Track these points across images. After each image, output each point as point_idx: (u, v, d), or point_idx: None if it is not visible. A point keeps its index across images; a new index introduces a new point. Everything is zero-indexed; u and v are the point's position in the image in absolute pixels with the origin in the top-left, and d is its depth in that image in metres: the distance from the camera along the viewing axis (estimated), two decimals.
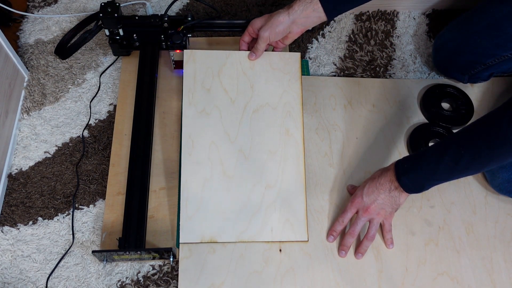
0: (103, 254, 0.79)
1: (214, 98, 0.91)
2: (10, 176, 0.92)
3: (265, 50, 0.94)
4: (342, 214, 0.84)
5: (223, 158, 0.87)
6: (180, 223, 0.83)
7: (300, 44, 1.11)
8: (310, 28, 0.90)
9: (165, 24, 0.98)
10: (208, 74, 0.92)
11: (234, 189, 0.86)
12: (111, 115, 1.00)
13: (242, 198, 0.85)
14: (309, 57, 1.09)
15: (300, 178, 0.88)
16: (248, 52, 0.94)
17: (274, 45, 0.94)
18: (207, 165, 0.86)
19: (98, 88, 1.03)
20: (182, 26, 0.97)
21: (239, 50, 0.95)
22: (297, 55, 0.96)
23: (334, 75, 1.07)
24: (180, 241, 0.83)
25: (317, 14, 0.86)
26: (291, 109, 0.91)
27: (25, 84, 1.03)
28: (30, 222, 0.88)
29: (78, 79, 1.04)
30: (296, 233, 0.85)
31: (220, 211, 0.84)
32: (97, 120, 0.99)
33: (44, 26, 1.12)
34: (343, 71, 1.08)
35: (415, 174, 0.76)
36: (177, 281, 0.82)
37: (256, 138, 0.89)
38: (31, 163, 0.94)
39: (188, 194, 0.85)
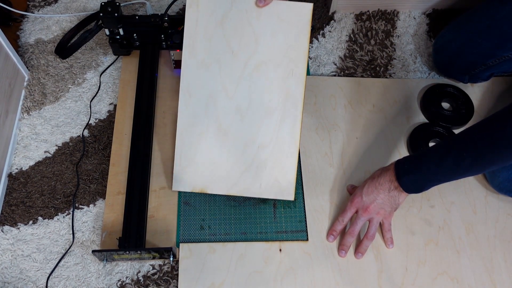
0: (103, 253, 0.79)
1: (215, 49, 0.86)
2: (10, 175, 0.93)
3: None
4: (342, 213, 0.84)
5: (219, 113, 0.86)
6: (174, 172, 0.87)
7: None
8: None
9: (165, 24, 0.98)
10: (211, 21, 0.86)
11: (228, 145, 0.87)
12: (111, 115, 1.00)
13: (235, 154, 0.87)
14: (309, 57, 1.09)
15: (295, 140, 0.87)
16: None
17: None
18: (203, 119, 0.86)
19: (98, 88, 1.03)
20: (182, 26, 0.97)
21: None
22: (309, 6, 0.86)
23: (334, 75, 1.07)
24: (173, 189, 0.87)
25: None
26: (295, 67, 0.86)
27: (25, 83, 1.03)
28: (30, 222, 0.88)
29: (78, 79, 1.04)
30: (284, 192, 0.87)
31: (213, 164, 0.87)
32: (97, 120, 0.99)
33: (44, 26, 1.12)
34: (343, 71, 1.08)
35: (415, 175, 0.76)
36: (177, 280, 0.82)
37: (254, 95, 0.87)
38: (31, 163, 0.94)
39: (182, 145, 0.87)
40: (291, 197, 0.87)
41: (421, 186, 0.77)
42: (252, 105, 0.87)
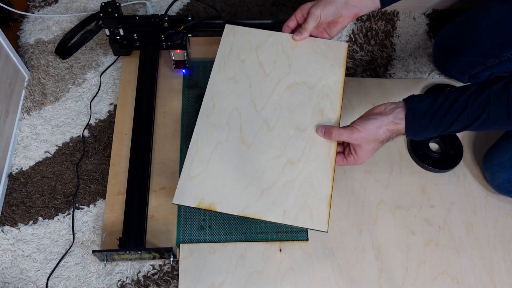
0: (104, 253, 0.79)
1: (247, 69, 0.85)
2: (10, 175, 0.93)
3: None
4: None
5: (244, 124, 0.79)
6: (179, 182, 0.74)
7: None
8: (359, 15, 0.84)
9: (166, 24, 0.98)
10: (246, 47, 0.87)
11: (250, 157, 0.76)
12: (112, 115, 1.00)
13: (256, 169, 0.75)
14: None
15: (329, 162, 0.76)
16: (291, 35, 0.88)
17: (319, 36, 0.89)
18: (224, 129, 0.79)
19: (99, 88, 1.03)
20: (183, 26, 0.97)
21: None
22: (345, 45, 0.88)
23: None
24: (173, 202, 0.73)
25: None
26: (330, 91, 0.82)
27: (25, 84, 1.03)
28: (31, 222, 0.88)
29: (78, 79, 1.04)
30: (315, 221, 0.72)
31: (228, 178, 0.75)
32: (97, 120, 0.99)
33: (45, 26, 1.12)
34: None
35: (428, 133, 0.70)
36: (177, 280, 0.82)
37: (285, 112, 0.80)
38: (32, 163, 0.94)
39: (196, 153, 0.76)
40: (324, 227, 0.71)
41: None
42: (281, 120, 0.80)
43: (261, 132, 0.79)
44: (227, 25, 0.90)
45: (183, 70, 1.03)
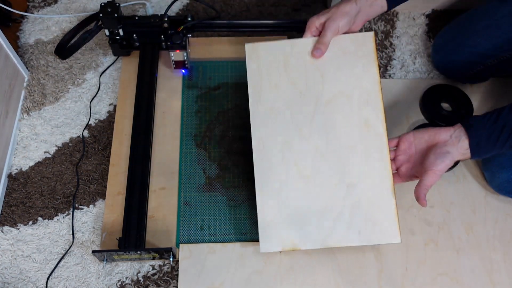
0: (103, 254, 0.79)
1: (282, 94, 0.83)
2: (10, 176, 0.93)
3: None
4: None
5: (297, 157, 0.81)
6: (260, 231, 0.79)
7: None
8: (368, 20, 0.84)
9: (165, 24, 0.98)
10: (273, 68, 0.84)
11: (313, 190, 0.80)
12: (111, 115, 1.00)
13: (322, 199, 0.80)
14: None
15: (387, 174, 0.79)
16: (313, 38, 0.84)
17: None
18: (280, 166, 0.81)
19: (98, 88, 1.03)
20: (182, 26, 0.98)
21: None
22: (371, 34, 0.85)
23: None
24: (261, 251, 0.79)
25: (380, 3, 0.83)
26: (368, 96, 0.82)
27: (25, 84, 1.03)
28: (30, 222, 0.88)
29: (78, 79, 1.04)
30: (387, 234, 0.78)
31: (300, 215, 0.80)
32: (97, 120, 0.99)
33: (44, 26, 1.12)
34: None
35: (492, 153, 0.73)
36: (177, 281, 0.82)
37: (331, 132, 0.81)
38: (31, 163, 0.94)
39: (263, 200, 0.80)
40: (397, 239, 0.78)
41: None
42: (330, 142, 0.81)
43: (315, 161, 0.81)
44: (247, 45, 0.85)
45: (183, 71, 1.03)
